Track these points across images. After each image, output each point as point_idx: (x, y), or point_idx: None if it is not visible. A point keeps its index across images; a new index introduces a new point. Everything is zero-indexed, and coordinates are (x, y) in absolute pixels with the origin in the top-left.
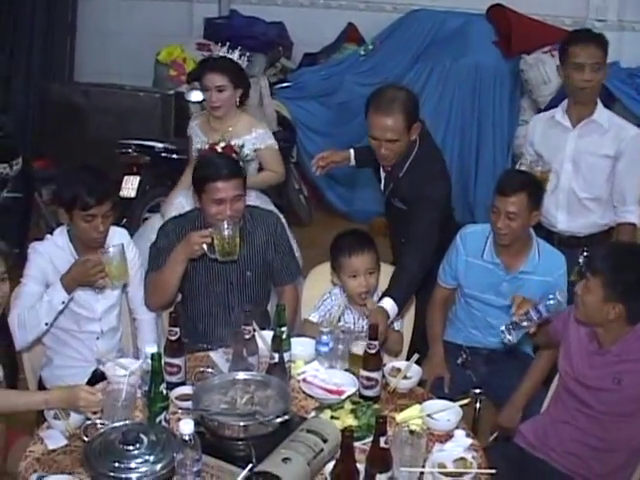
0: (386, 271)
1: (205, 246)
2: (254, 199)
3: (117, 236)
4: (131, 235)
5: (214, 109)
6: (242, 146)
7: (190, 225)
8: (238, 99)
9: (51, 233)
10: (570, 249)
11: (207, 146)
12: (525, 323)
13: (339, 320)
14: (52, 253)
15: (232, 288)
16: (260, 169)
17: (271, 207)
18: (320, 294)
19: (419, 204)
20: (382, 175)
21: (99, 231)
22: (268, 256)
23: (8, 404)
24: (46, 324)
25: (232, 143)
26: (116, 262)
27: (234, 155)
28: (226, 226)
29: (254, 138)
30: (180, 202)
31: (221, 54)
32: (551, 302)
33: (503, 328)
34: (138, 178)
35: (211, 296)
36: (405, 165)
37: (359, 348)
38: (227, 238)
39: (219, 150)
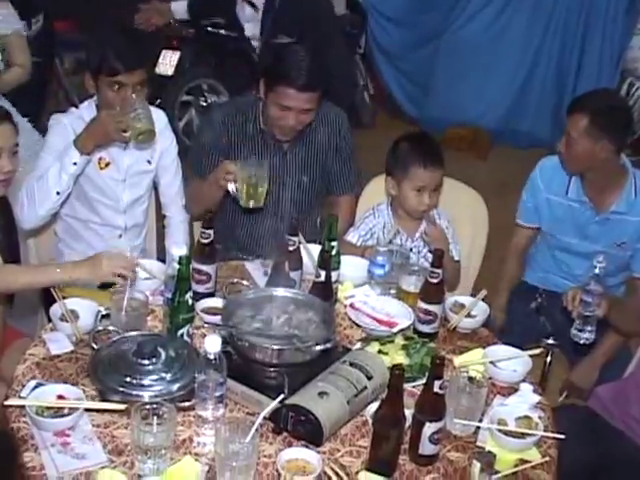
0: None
1: (231, 187)
2: None
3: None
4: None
5: None
6: None
7: (242, 115)
8: None
9: (75, 106)
10: None
11: None
12: (588, 313)
13: (390, 242)
14: (77, 127)
15: (284, 192)
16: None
17: None
18: None
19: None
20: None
21: None
22: (328, 160)
23: (12, 281)
24: (57, 193)
25: None
26: (139, 113)
27: None
28: (253, 171)
29: None
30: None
31: None
32: (597, 271)
33: (574, 332)
34: (178, 54)
35: None
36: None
37: (410, 284)
38: (253, 182)
39: None
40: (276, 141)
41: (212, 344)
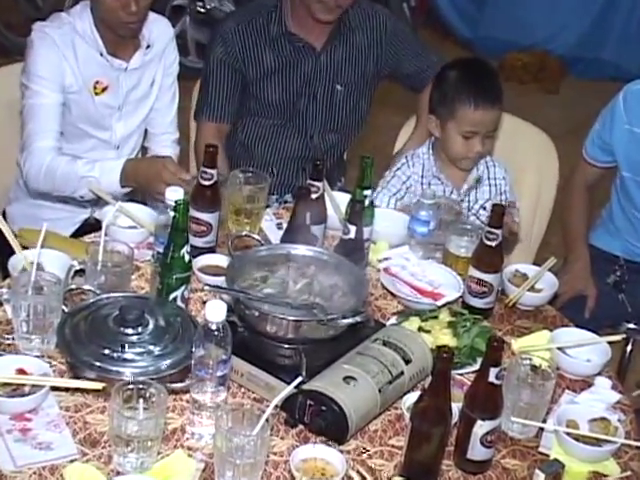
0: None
1: None
2: None
3: (157, 27)
4: None
5: None
6: None
7: (262, 18)
8: None
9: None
10: None
11: None
12: None
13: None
14: (69, 44)
15: (314, 104)
16: None
17: None
18: None
19: None
20: None
21: (130, 11)
22: (368, 66)
23: None
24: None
25: None
26: None
27: None
28: None
29: None
30: None
31: None
32: None
33: None
34: None
35: (285, 112)
36: None
37: (460, 247)
38: None
39: None
40: (306, 44)
41: (215, 312)
